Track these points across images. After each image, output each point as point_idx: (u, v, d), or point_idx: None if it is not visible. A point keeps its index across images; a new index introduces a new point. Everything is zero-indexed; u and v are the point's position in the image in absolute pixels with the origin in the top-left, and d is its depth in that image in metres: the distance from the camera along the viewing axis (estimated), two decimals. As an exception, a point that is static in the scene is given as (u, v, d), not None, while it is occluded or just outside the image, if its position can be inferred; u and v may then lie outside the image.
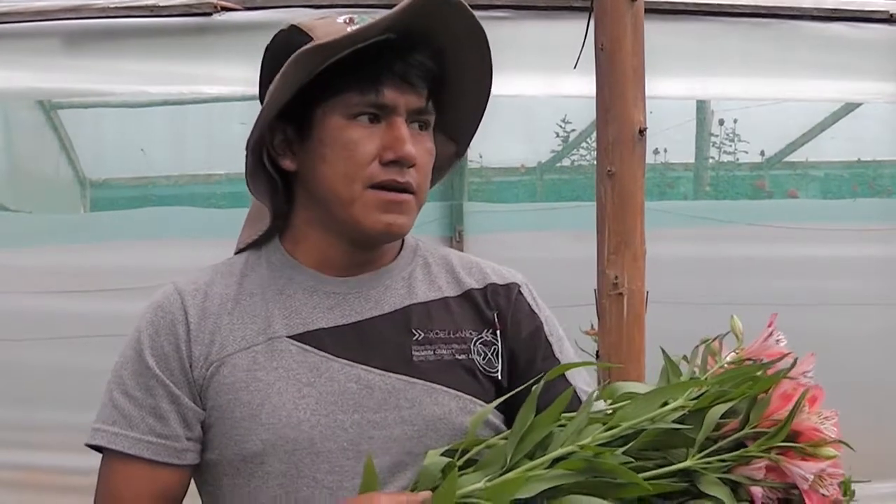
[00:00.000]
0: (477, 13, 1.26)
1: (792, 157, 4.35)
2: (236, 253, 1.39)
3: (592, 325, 2.24)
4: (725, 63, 3.51)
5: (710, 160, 4.22)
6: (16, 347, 3.21)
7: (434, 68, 1.28)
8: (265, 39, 1.34)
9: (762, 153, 4.30)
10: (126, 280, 3.19)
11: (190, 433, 1.27)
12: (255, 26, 3.02)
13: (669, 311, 2.53)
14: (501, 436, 1.20)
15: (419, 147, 1.27)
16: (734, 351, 1.15)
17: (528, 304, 1.38)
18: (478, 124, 1.37)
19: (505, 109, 3.85)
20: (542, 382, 1.19)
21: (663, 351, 1.18)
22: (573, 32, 2.40)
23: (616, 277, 2.14)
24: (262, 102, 1.27)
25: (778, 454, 1.06)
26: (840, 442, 1.09)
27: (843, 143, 4.21)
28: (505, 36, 3.15)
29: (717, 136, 4.20)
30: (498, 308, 1.35)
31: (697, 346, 1.17)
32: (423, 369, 1.27)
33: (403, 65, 1.25)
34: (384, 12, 1.23)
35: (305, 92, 1.26)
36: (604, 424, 1.10)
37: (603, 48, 2.19)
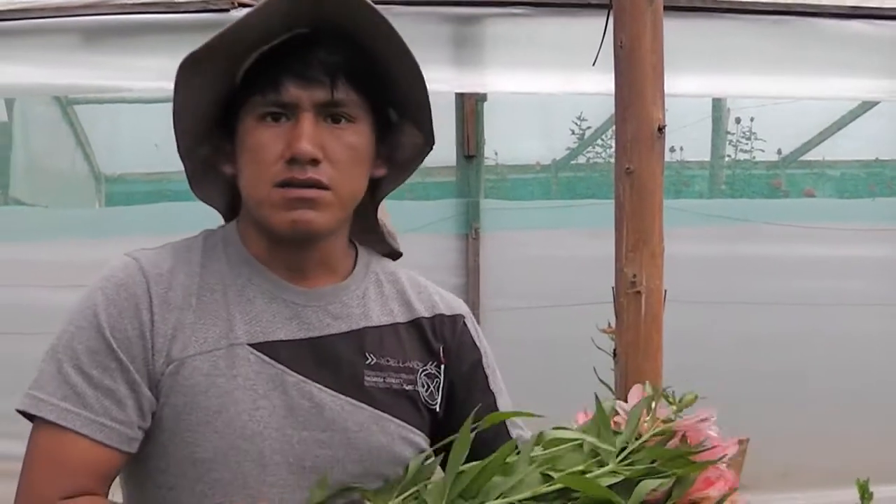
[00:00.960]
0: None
1: (808, 156, 4.32)
2: None
3: (609, 324, 2.23)
4: (742, 61, 3.49)
5: (727, 158, 4.20)
6: (30, 341, 3.19)
7: (340, 60, 1.25)
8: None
9: (779, 152, 4.28)
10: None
11: (142, 422, 1.24)
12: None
13: (684, 309, 2.52)
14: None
15: (334, 141, 1.26)
16: (671, 415, 1.20)
17: (471, 336, 1.43)
18: (427, 106, 1.33)
19: (521, 106, 3.85)
20: (484, 425, 1.22)
21: (596, 398, 1.21)
22: (590, 30, 2.38)
23: (634, 276, 2.13)
24: None
25: None
26: None
27: (861, 142, 4.19)
28: (523, 33, 3.14)
29: (733, 134, 4.18)
30: (444, 340, 1.39)
31: (636, 405, 1.21)
32: (372, 395, 1.31)
33: (302, 62, 1.24)
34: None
35: (232, 99, 1.28)
36: (543, 476, 1.14)
37: (622, 45, 2.18)
